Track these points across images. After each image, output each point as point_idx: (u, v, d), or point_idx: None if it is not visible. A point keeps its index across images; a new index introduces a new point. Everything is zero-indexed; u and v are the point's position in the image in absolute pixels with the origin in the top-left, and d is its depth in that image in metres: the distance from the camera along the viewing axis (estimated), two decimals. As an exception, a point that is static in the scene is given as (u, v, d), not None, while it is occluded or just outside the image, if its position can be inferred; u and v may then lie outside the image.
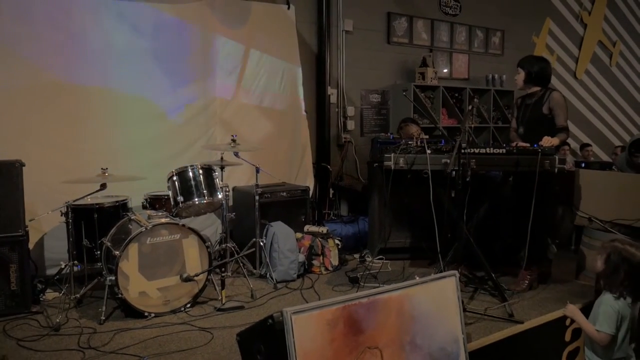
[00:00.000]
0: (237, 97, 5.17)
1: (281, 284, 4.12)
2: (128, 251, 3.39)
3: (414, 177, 3.82)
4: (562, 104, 3.96)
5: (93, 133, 4.35)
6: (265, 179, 4.62)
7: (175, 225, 3.58)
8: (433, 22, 7.06)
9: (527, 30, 8.21)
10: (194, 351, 2.99)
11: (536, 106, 4.02)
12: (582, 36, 9.00)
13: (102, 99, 4.38)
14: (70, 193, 3.71)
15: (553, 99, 3.95)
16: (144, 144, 4.58)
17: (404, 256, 4.76)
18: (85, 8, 4.29)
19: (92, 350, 2.99)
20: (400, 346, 2.28)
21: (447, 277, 2.57)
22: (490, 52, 7.82)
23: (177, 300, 3.57)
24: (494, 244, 4.39)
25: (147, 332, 3.24)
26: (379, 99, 6.60)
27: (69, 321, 3.39)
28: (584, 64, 9.05)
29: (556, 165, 3.73)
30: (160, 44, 4.67)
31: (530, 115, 4.05)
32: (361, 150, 6.30)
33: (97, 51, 4.33)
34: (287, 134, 5.53)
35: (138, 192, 4.12)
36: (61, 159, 4.19)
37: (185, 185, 3.91)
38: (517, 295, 3.83)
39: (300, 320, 1.97)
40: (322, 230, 4.69)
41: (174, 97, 4.77)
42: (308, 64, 5.83)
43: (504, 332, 3.24)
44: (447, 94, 6.88)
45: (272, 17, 5.39)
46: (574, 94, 8.92)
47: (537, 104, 4.02)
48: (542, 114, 3.98)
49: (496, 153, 3.78)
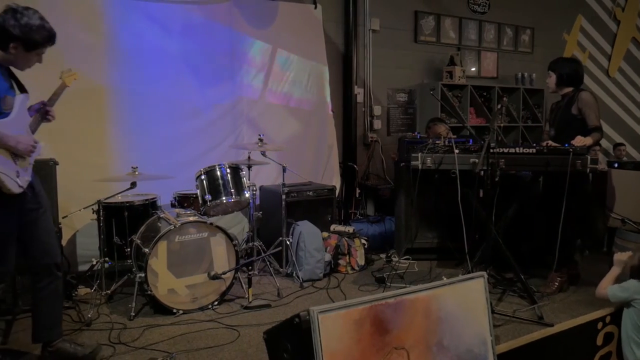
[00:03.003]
0: (264, 97, 5.20)
1: (307, 283, 4.13)
2: (157, 249, 3.44)
3: (442, 177, 3.78)
4: (592, 103, 3.85)
5: (123, 132, 4.43)
6: (291, 178, 4.64)
7: (203, 224, 3.62)
8: (461, 20, 6.98)
9: (558, 27, 8.05)
10: (221, 348, 3.02)
11: (567, 107, 3.94)
12: (615, 33, 8.78)
13: (132, 99, 4.45)
14: (102, 191, 3.79)
15: (581, 99, 3.85)
16: (172, 143, 4.65)
17: (431, 256, 4.72)
18: (116, 10, 4.37)
19: (122, 345, 3.05)
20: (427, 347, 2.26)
21: (475, 278, 2.53)
22: (520, 50, 7.69)
23: (204, 297, 3.62)
24: (523, 245, 4.32)
25: (176, 329, 3.28)
26: (405, 98, 6.56)
27: (100, 317, 3.47)
28: (617, 61, 8.83)
29: (588, 165, 3.63)
30: (188, 44, 4.73)
31: (561, 116, 3.97)
32: (388, 150, 6.27)
33: (127, 52, 4.41)
34: (313, 134, 5.54)
35: (167, 190, 4.18)
36: (93, 158, 4.28)
37: (213, 184, 3.94)
38: (547, 298, 3.76)
39: (327, 319, 1.97)
40: (348, 229, 4.68)
41: (202, 97, 4.83)
42: (335, 64, 5.83)
43: (534, 335, 3.18)
44: (475, 93, 6.79)
45: (299, 16, 5.40)
46: (607, 93, 8.71)
47: (567, 105, 3.94)
48: (571, 115, 3.89)
49: (526, 153, 3.72)
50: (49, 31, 2.56)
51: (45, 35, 2.55)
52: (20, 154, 2.56)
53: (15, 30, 2.45)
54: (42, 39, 2.54)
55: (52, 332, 2.82)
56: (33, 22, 2.48)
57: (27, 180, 2.63)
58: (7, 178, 2.47)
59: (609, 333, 3.41)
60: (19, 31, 2.46)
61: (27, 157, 2.61)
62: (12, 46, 2.49)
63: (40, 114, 2.74)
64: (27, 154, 2.59)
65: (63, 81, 2.84)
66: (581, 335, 3.38)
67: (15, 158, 2.54)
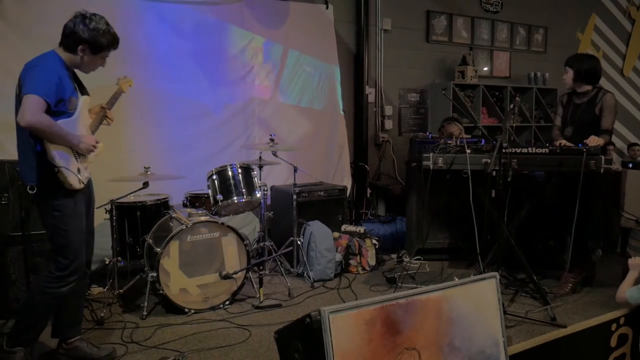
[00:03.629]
0: (275, 97, 5.21)
1: (318, 283, 4.13)
2: (169, 248, 3.46)
3: (453, 177, 3.77)
4: (613, 107, 3.83)
5: (136, 133, 4.46)
6: (302, 178, 4.64)
7: (214, 224, 3.64)
8: (473, 20, 6.94)
9: (572, 26, 7.98)
10: (232, 347, 3.03)
11: (589, 107, 3.88)
12: (629, 32, 8.68)
13: (144, 99, 4.47)
14: (114, 191, 3.81)
15: (606, 100, 3.82)
16: (184, 144, 4.67)
17: (443, 257, 4.70)
18: (129, 11, 4.40)
19: (134, 344, 3.07)
20: (439, 348, 2.25)
21: (487, 278, 2.52)
22: (533, 49, 7.63)
23: (216, 297, 3.63)
24: (536, 246, 4.29)
25: (187, 328, 3.30)
26: (417, 98, 6.54)
27: (113, 315, 3.50)
28: (631, 60, 8.73)
29: (602, 165, 3.60)
30: (200, 44, 4.75)
31: (582, 116, 3.91)
32: (399, 150, 6.25)
33: (140, 52, 4.44)
34: (324, 134, 5.54)
35: (179, 190, 4.20)
36: (106, 158, 4.27)
37: (224, 184, 3.96)
38: (560, 299, 3.73)
39: (338, 319, 1.97)
40: (359, 229, 4.68)
41: (213, 97, 4.85)
42: (346, 64, 5.83)
43: (546, 336, 3.16)
44: (487, 93, 6.76)
45: (310, 16, 5.41)
46: (621, 92, 8.61)
47: (589, 105, 3.88)
48: (595, 116, 3.84)
49: (539, 153, 3.70)
50: (113, 35, 2.72)
51: (110, 40, 2.70)
52: (82, 152, 2.69)
53: (84, 34, 2.60)
54: (107, 43, 2.70)
55: (73, 329, 2.90)
56: (100, 27, 2.64)
57: (87, 177, 2.78)
58: (70, 173, 2.60)
59: (623, 334, 3.37)
60: (88, 35, 2.61)
61: (87, 155, 2.74)
62: (80, 49, 2.63)
63: (100, 116, 2.91)
64: (88, 152, 2.72)
65: (120, 86, 3.07)
66: (595, 337, 3.34)
67: (77, 156, 2.68)
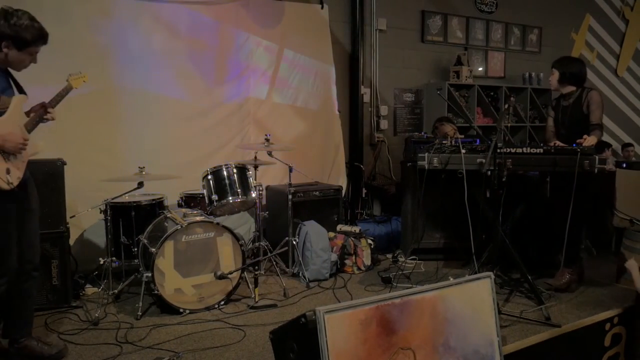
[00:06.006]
0: (270, 97, 5.21)
1: (314, 283, 4.13)
2: (164, 248, 3.45)
3: (448, 177, 3.77)
4: (600, 102, 3.90)
5: (131, 133, 4.45)
6: (298, 178, 4.64)
7: (209, 224, 3.63)
8: (468, 20, 6.96)
9: (566, 27, 8.01)
10: (227, 348, 3.02)
11: (575, 107, 3.94)
12: (623, 32, 8.72)
13: (139, 99, 4.47)
14: (109, 191, 3.80)
15: (592, 97, 3.89)
16: (179, 144, 4.66)
17: (438, 257, 4.70)
18: (124, 11, 4.38)
19: (129, 344, 3.06)
20: (434, 348, 2.26)
21: (482, 278, 2.53)
22: (527, 49, 7.65)
23: (211, 297, 3.62)
24: (530, 246, 4.30)
25: (182, 328, 3.29)
26: (412, 98, 6.55)
27: (107, 316, 3.48)
28: (625, 61, 8.77)
29: (596, 165, 3.62)
30: (195, 44, 4.74)
31: (571, 116, 3.97)
32: (394, 150, 6.26)
33: (134, 52, 4.43)
34: (320, 134, 5.54)
35: (174, 190, 4.19)
36: (100, 158, 4.30)
37: (219, 184, 3.95)
38: (554, 299, 3.74)
39: (333, 319, 1.97)
40: (354, 229, 4.68)
41: (209, 97, 4.84)
42: (341, 64, 5.83)
43: (541, 335, 3.17)
44: (482, 93, 6.77)
45: (305, 16, 5.40)
46: (615, 92, 8.66)
47: (576, 105, 3.94)
48: (583, 114, 3.90)
49: (533, 153, 3.71)
50: (39, 30, 2.64)
51: (35, 34, 2.63)
52: (9, 152, 2.60)
53: (6, 30, 2.56)
54: (32, 37, 2.62)
55: (22, 330, 2.88)
56: (22, 22, 2.58)
57: (19, 177, 2.65)
58: None
59: (617, 334, 3.39)
60: (9, 30, 2.56)
61: (17, 154, 2.64)
62: (4, 45, 2.58)
63: (38, 114, 2.79)
64: (17, 151, 2.62)
65: (69, 83, 2.91)
66: (589, 336, 3.36)
67: (5, 156, 2.58)
